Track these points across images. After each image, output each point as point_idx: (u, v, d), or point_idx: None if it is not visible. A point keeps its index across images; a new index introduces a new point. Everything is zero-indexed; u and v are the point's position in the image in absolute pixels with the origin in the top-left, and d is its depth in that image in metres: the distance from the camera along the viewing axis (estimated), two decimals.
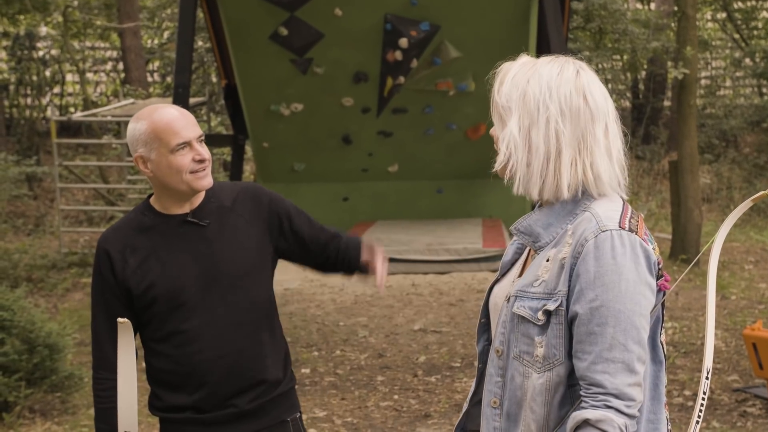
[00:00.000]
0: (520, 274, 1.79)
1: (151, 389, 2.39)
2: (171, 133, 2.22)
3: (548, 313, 1.66)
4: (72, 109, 14.76)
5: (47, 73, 14.50)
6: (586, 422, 1.60)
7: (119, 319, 2.06)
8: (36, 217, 11.47)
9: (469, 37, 9.06)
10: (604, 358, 1.60)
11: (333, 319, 7.19)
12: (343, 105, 9.74)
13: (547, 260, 1.69)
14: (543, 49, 9.04)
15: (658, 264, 1.69)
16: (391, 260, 9.22)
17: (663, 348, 1.75)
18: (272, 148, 10.13)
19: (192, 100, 10.63)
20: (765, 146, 13.57)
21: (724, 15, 15.60)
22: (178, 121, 2.23)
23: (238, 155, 10.79)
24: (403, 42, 9.12)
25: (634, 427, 1.62)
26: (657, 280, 1.68)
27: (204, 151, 2.26)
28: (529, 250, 1.81)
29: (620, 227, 1.65)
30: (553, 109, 1.67)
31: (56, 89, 15.05)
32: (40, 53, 14.30)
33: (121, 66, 15.20)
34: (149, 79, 15.26)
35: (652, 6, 14.89)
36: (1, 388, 4.83)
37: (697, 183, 9.12)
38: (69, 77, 15.23)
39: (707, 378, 1.74)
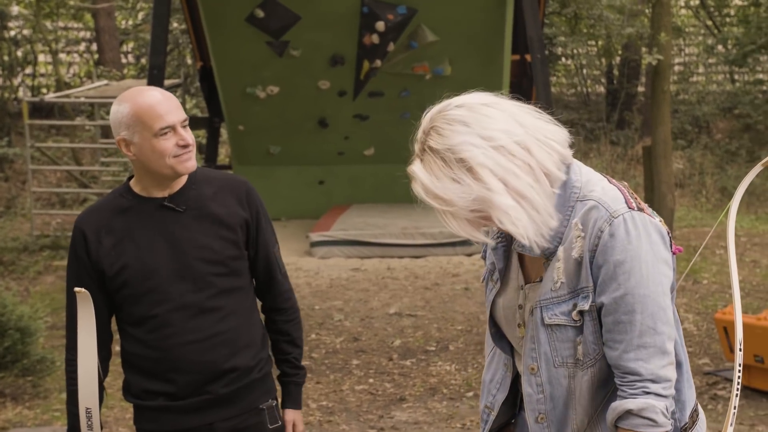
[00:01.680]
0: (526, 279, 1.74)
1: (125, 375, 2.38)
2: (154, 116, 2.18)
3: (581, 313, 1.65)
4: (44, 90, 14.56)
5: (19, 54, 14.28)
6: (628, 413, 1.60)
7: (76, 289, 2.00)
8: (7, 199, 11.34)
9: (446, 21, 9.05)
10: (636, 345, 1.60)
11: (308, 303, 7.19)
12: (320, 88, 9.70)
13: (559, 260, 1.66)
14: (519, 33, 9.05)
15: (669, 234, 1.68)
16: (367, 244, 9.23)
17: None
18: (248, 131, 10.08)
19: (167, 82, 10.53)
20: (737, 132, 13.71)
21: (697, 2, 15.70)
22: (162, 105, 2.19)
23: (214, 138, 10.71)
24: (380, 25, 9.09)
25: (673, 406, 1.64)
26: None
27: (188, 135, 2.23)
28: (514, 251, 1.76)
29: (630, 208, 1.63)
30: (503, 140, 1.57)
31: (28, 70, 14.83)
32: (12, 33, 14.08)
33: (94, 47, 15.01)
34: (123, 60, 15.08)
35: None
36: None
37: (670, 168, 9.20)
38: (41, 58, 15.01)
39: (740, 350, 1.75)
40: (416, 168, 1.63)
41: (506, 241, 1.77)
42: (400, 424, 4.72)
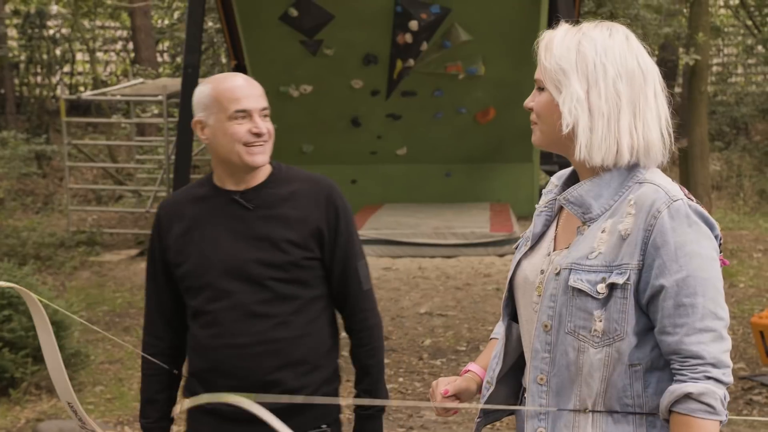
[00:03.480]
0: (555, 247, 1.73)
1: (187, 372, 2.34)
2: (232, 99, 2.16)
3: (611, 287, 1.62)
4: (82, 88, 14.77)
5: (57, 52, 14.50)
6: (687, 396, 1.57)
7: (5, 284, 1.82)
8: (44, 195, 11.51)
9: (480, 20, 9.02)
10: (698, 328, 1.58)
11: None
12: (353, 87, 9.72)
13: (603, 231, 1.65)
14: None
15: (720, 239, 1.68)
16: (399, 243, 9.23)
17: None
18: (281, 130, 10.05)
19: (201, 81, 10.61)
20: None
21: (736, 1, 15.47)
22: (242, 89, 2.17)
23: None
24: (414, 25, 9.08)
25: (728, 397, 1.61)
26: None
27: (263, 125, 2.17)
28: (558, 221, 1.76)
29: (688, 198, 1.65)
30: (611, 70, 1.64)
31: (66, 68, 15.06)
32: (51, 32, 14.29)
33: (130, 46, 15.19)
34: (159, 59, 15.24)
35: None
36: (8, 365, 4.86)
37: (707, 170, 9.09)
38: (79, 56, 15.23)
39: None
40: (564, 27, 1.69)
41: (551, 211, 1.78)
42: (430, 423, 4.71)
